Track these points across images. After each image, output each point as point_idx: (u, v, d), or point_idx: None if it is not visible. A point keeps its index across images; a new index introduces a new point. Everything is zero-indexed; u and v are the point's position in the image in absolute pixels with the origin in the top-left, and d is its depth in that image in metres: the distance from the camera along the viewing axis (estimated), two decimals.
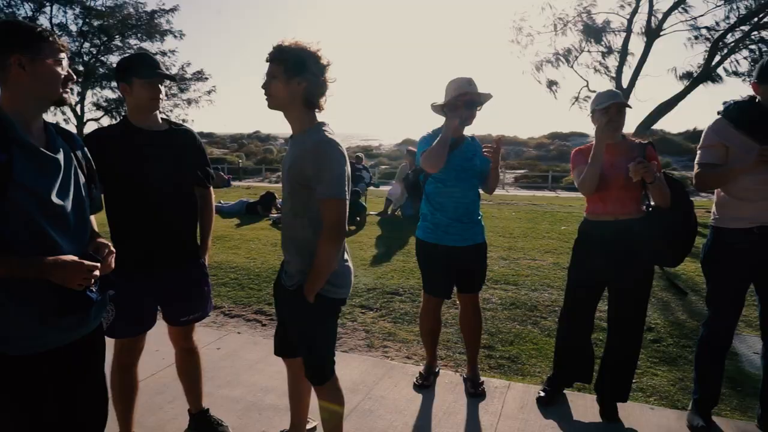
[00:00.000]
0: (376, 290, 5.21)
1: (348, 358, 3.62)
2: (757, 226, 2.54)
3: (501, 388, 3.17)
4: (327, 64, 1.95)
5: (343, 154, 1.91)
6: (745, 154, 2.48)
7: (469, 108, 2.87)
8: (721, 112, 2.64)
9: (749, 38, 12.34)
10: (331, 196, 1.86)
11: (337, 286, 2.03)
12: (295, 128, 2.01)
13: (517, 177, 27.72)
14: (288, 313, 2.16)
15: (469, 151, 2.99)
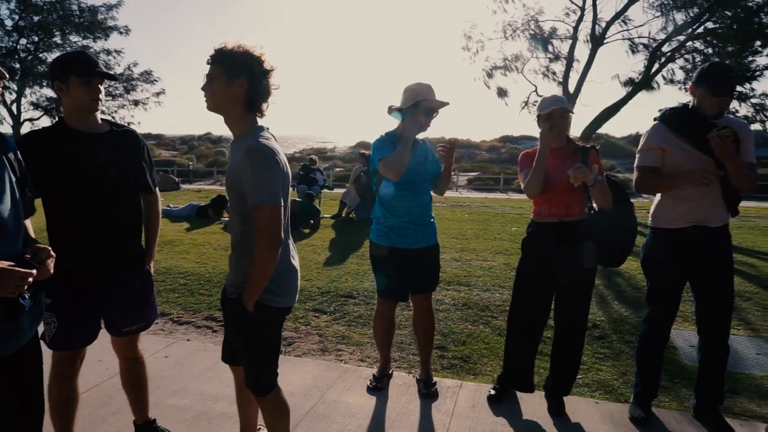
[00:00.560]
0: (329, 293, 5.18)
1: (301, 362, 3.58)
2: (692, 225, 2.68)
3: (453, 388, 3.22)
4: (270, 69, 1.93)
5: (276, 160, 1.88)
6: (681, 158, 2.64)
7: (428, 114, 2.89)
8: (658, 118, 2.79)
9: (684, 48, 13.05)
10: (263, 202, 1.82)
11: (279, 294, 1.99)
12: (235, 132, 1.99)
13: (470, 179, 28.23)
14: (229, 321, 2.12)
15: (421, 155, 3.02)
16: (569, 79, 13.49)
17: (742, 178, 2.59)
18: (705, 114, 2.64)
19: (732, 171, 2.55)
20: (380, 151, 2.92)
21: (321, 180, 11.88)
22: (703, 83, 2.62)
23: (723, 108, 2.64)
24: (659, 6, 13.01)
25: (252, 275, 1.89)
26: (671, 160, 2.68)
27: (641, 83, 12.94)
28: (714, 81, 2.58)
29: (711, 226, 2.69)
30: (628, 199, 2.80)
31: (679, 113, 2.73)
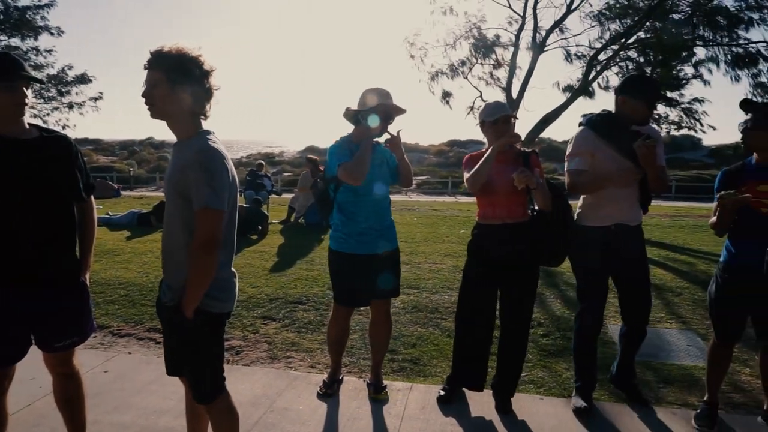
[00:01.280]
0: (278, 300, 5.11)
1: (249, 371, 3.51)
2: (615, 223, 2.91)
3: (404, 391, 3.24)
4: (210, 70, 1.90)
5: (225, 164, 1.86)
6: (607, 161, 2.85)
7: (386, 120, 2.89)
8: (584, 123, 2.98)
9: (618, 57, 13.70)
10: (208, 205, 1.79)
11: (219, 299, 1.95)
12: (179, 136, 1.94)
13: (418, 183, 28.53)
14: (169, 330, 2.06)
15: (378, 159, 3.01)
16: (512, 85, 13.89)
17: (659, 182, 2.87)
18: (631, 121, 2.87)
19: (652, 176, 2.82)
20: (338, 157, 2.89)
21: (269, 185, 11.69)
22: (631, 93, 2.85)
23: (649, 116, 2.90)
24: (595, 16, 13.62)
25: (191, 281, 1.84)
26: (599, 163, 2.89)
27: (579, 90, 13.48)
28: (642, 91, 2.83)
29: (631, 224, 2.94)
30: (566, 200, 2.92)
31: (606, 120, 2.94)
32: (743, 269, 2.69)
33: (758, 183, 2.62)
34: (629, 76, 2.95)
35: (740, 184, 2.65)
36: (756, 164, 2.69)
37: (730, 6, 11.73)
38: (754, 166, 2.69)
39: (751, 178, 2.65)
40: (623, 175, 2.82)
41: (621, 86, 2.94)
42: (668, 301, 5.35)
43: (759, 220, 2.61)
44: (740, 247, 2.73)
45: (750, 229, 2.66)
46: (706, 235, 9.25)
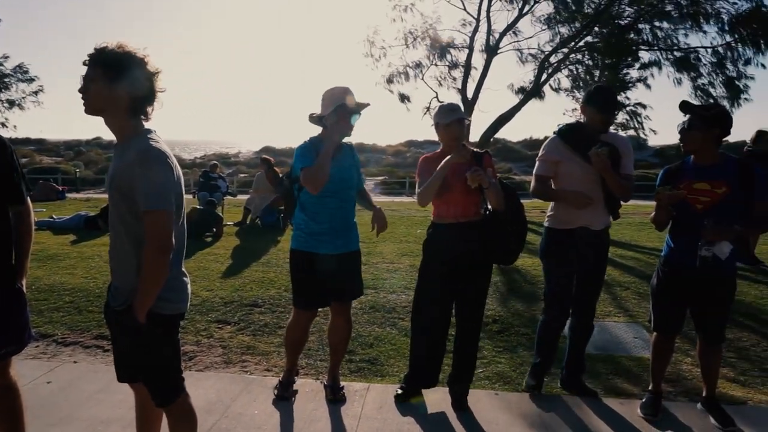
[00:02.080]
0: (233, 303, 5.01)
1: (203, 377, 3.43)
2: (579, 227, 3.06)
3: (361, 391, 3.23)
4: (155, 71, 1.86)
5: (168, 164, 1.84)
6: (573, 169, 3.03)
7: (353, 119, 2.87)
8: (556, 132, 3.15)
9: (569, 60, 14.13)
10: (154, 207, 1.77)
11: (172, 301, 1.93)
12: (118, 136, 1.90)
13: (376, 183, 28.58)
14: (120, 335, 2.00)
15: (347, 161, 2.98)
16: (467, 86, 14.10)
17: (618, 188, 3.00)
18: (593, 130, 3.04)
19: (609, 182, 2.96)
20: (303, 159, 2.84)
21: (223, 187, 11.44)
22: (591, 104, 3.03)
23: (608, 124, 3.09)
24: (546, 20, 14.01)
25: (143, 283, 1.81)
26: (565, 170, 3.05)
27: (532, 92, 13.82)
28: (600, 102, 3.01)
29: (595, 228, 3.09)
30: (518, 200, 2.99)
31: (572, 129, 3.12)
32: (681, 264, 2.83)
33: (694, 181, 2.76)
34: (593, 87, 3.14)
35: (679, 182, 2.79)
36: (693, 163, 2.83)
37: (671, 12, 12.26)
38: (692, 165, 2.83)
39: (688, 177, 2.79)
40: (577, 198, 2.99)
41: (585, 97, 3.12)
42: (616, 295, 5.55)
43: (695, 216, 2.74)
44: (678, 242, 2.86)
45: (687, 225, 2.80)
46: (651, 232, 9.64)
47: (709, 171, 2.75)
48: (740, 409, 3.07)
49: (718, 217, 2.66)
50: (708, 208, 2.72)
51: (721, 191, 2.71)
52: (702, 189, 2.75)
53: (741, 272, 6.50)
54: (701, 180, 2.76)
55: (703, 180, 2.75)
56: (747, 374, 3.68)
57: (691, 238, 2.75)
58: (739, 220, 2.71)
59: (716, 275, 2.76)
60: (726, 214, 2.69)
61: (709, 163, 2.77)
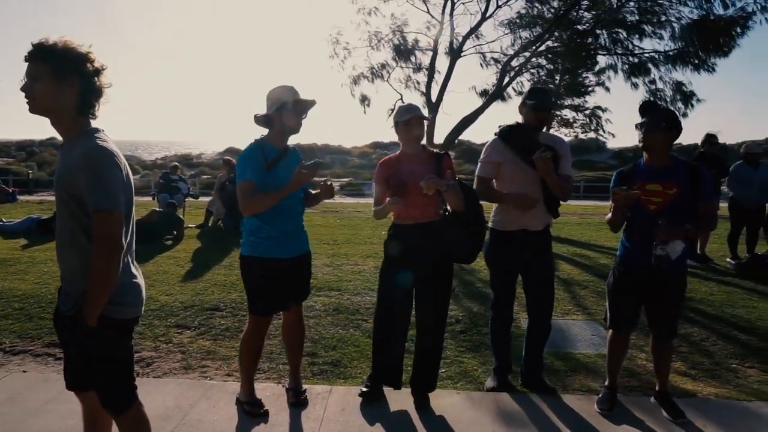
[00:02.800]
0: (194, 307, 4.90)
1: (161, 383, 3.34)
2: (520, 229, 3.16)
3: (323, 394, 3.21)
4: (101, 67, 1.81)
5: (117, 163, 1.79)
6: (513, 169, 3.11)
7: (299, 116, 2.83)
8: (497, 133, 3.22)
9: (530, 63, 14.41)
10: (103, 207, 1.72)
11: (125, 304, 1.88)
12: (65, 135, 1.84)
13: (342, 185, 28.51)
14: (70, 340, 1.93)
15: (294, 162, 2.94)
16: (431, 89, 14.20)
17: (559, 189, 3.11)
18: (530, 128, 3.15)
19: (551, 184, 3.06)
20: (249, 163, 2.76)
21: (185, 188, 11.19)
22: (523, 102, 3.15)
23: (543, 122, 3.18)
24: (507, 24, 14.25)
25: (93, 287, 1.76)
26: (506, 170, 3.13)
27: (494, 94, 14.02)
28: (534, 100, 3.11)
29: (535, 229, 3.19)
30: (477, 201, 3.03)
31: (512, 129, 3.20)
32: (635, 263, 2.92)
33: (647, 183, 2.85)
34: (529, 87, 3.25)
35: (632, 184, 2.87)
36: (645, 165, 2.92)
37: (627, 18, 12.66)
38: (644, 167, 2.92)
39: (641, 179, 2.87)
40: (521, 200, 3.07)
41: (522, 97, 3.23)
42: (575, 294, 5.69)
43: (648, 217, 2.83)
44: (633, 242, 2.95)
45: (641, 225, 2.88)
46: (609, 232, 9.94)
47: (661, 172, 2.84)
48: (690, 402, 3.19)
49: (670, 217, 2.75)
50: (660, 209, 2.81)
51: (673, 192, 2.80)
52: (654, 190, 2.83)
53: (692, 270, 6.76)
54: (653, 181, 2.84)
55: (656, 181, 2.84)
56: (697, 368, 3.82)
57: (644, 237, 2.84)
58: (688, 219, 2.81)
59: (669, 273, 2.86)
60: (677, 214, 2.78)
61: (662, 165, 2.86)
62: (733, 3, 11.39)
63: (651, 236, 2.77)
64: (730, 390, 3.46)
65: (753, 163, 7.15)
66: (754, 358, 3.99)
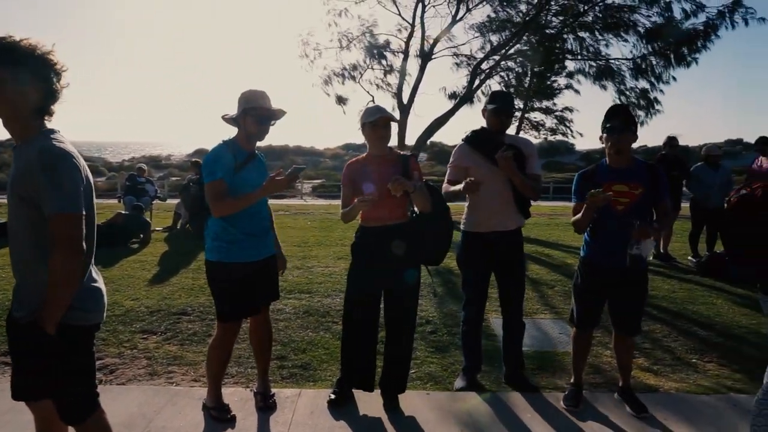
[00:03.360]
0: (160, 312, 4.80)
1: (124, 390, 3.26)
2: (491, 231, 3.23)
3: (292, 397, 3.18)
4: (61, 69, 1.76)
5: (75, 164, 1.74)
6: (482, 172, 3.13)
7: (262, 123, 2.79)
8: (464, 138, 3.31)
9: (500, 66, 14.62)
10: (62, 210, 1.66)
11: (85, 310, 1.83)
12: (19, 137, 1.78)
13: (314, 187, 28.38)
14: (23, 348, 1.86)
15: (262, 167, 2.92)
16: (403, 90, 14.26)
17: (525, 188, 3.17)
18: (493, 131, 3.23)
19: (516, 183, 3.12)
20: (219, 163, 2.71)
21: (152, 191, 10.95)
22: (488, 106, 3.23)
23: (503, 125, 3.26)
24: (478, 27, 14.42)
25: (52, 293, 1.69)
26: (476, 174, 3.14)
27: (465, 97, 14.17)
28: (495, 104, 3.20)
29: (506, 229, 3.26)
30: (445, 202, 3.06)
31: (477, 134, 3.28)
32: (602, 263, 2.99)
33: (614, 183, 2.90)
34: (490, 92, 3.31)
35: (598, 185, 2.92)
36: (608, 167, 2.98)
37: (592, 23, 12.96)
38: (607, 168, 2.98)
39: (606, 180, 2.92)
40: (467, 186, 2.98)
41: (485, 101, 3.34)
42: (543, 293, 5.78)
43: (615, 217, 2.89)
44: (598, 242, 3.02)
45: (607, 225, 2.94)
46: None
47: (626, 173, 2.92)
48: (653, 397, 3.27)
49: (640, 216, 2.82)
50: (627, 209, 2.88)
51: (639, 192, 2.88)
52: (621, 191, 2.89)
53: (655, 268, 6.95)
54: (619, 182, 2.91)
55: (622, 182, 2.90)
56: (659, 363, 3.93)
57: (611, 237, 2.90)
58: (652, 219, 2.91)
59: (632, 272, 2.93)
60: (642, 214, 2.86)
61: (625, 166, 2.93)
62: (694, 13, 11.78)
63: (618, 236, 2.84)
64: (690, 384, 3.56)
65: (713, 165, 7.39)
66: (713, 353, 4.12)
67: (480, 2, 13.70)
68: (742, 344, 4.33)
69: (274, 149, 42.86)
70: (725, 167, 7.54)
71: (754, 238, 2.28)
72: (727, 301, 5.55)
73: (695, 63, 11.91)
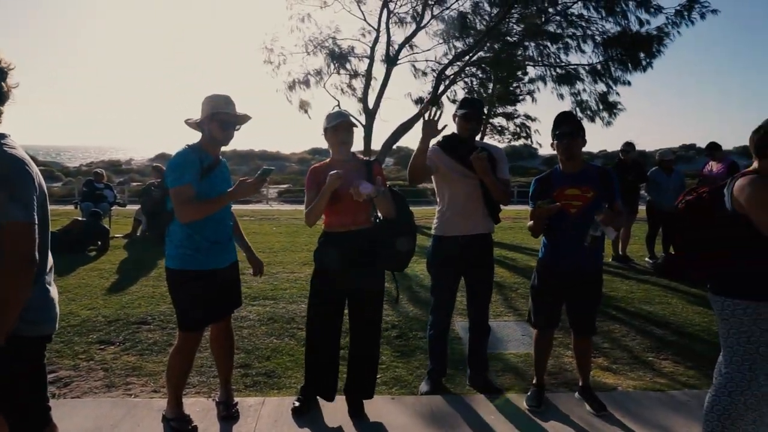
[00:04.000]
0: (119, 322, 4.66)
1: (79, 404, 3.15)
2: (462, 235, 3.26)
3: (255, 406, 3.13)
4: (7, 68, 1.69)
5: (28, 171, 1.67)
6: (452, 171, 3.22)
7: (226, 128, 2.73)
8: (436, 143, 3.34)
9: (464, 72, 14.82)
10: (14, 218, 1.60)
11: (37, 321, 1.76)
12: None
13: (280, 192, 28.09)
14: None
15: (226, 172, 2.87)
16: (368, 96, 14.29)
17: (498, 191, 3.20)
18: (464, 137, 3.28)
19: (489, 185, 3.16)
20: (186, 167, 2.63)
21: (111, 196, 10.62)
22: (458, 112, 3.29)
23: (473, 130, 3.31)
24: (441, 34, 14.59)
25: (1, 304, 1.62)
26: (448, 178, 3.22)
27: (430, 102, 14.31)
28: (465, 109, 3.26)
29: (477, 233, 3.30)
30: (408, 208, 3.07)
31: (449, 139, 3.34)
32: (558, 265, 3.07)
33: (567, 188, 3.00)
34: (460, 99, 3.37)
35: (552, 190, 3.01)
36: (561, 172, 3.07)
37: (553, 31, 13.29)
38: (561, 173, 3.08)
39: (559, 184, 3.03)
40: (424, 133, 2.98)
41: (455, 108, 3.36)
42: (507, 296, 5.87)
43: (569, 220, 2.97)
44: (553, 245, 3.09)
45: (562, 228, 3.02)
46: None
47: (578, 178, 3.00)
48: (611, 395, 3.36)
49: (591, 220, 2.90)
50: (580, 212, 2.96)
51: (590, 195, 2.96)
52: (574, 194, 2.99)
53: (614, 270, 7.16)
54: (572, 186, 3.00)
55: (574, 186, 3.00)
56: (618, 362, 4.04)
57: (565, 240, 2.99)
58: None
59: (586, 273, 3.03)
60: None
61: (577, 171, 3.02)
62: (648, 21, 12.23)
63: (573, 238, 2.92)
64: (647, 382, 3.67)
65: (667, 169, 7.67)
66: (668, 351, 4.26)
67: (443, 10, 13.88)
68: (696, 342, 4.50)
69: (239, 154, 42.29)
70: (678, 171, 7.84)
71: (706, 242, 2.38)
72: (681, 300, 5.76)
73: (651, 67, 12.34)
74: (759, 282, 2.26)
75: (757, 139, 2.25)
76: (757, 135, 2.25)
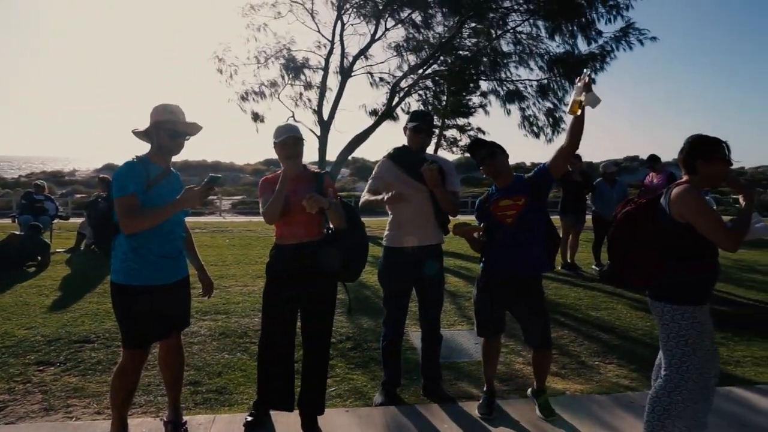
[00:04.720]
0: (59, 341, 4.45)
1: (14, 430, 2.98)
2: (412, 246, 3.32)
3: (205, 424, 3.05)
4: None
5: None
6: (403, 184, 3.23)
7: (174, 137, 2.67)
8: (386, 156, 3.42)
9: (418, 85, 15.06)
10: None
11: None
12: None
13: (234, 203, 27.60)
14: None
15: (177, 183, 2.79)
16: (323, 107, 14.30)
17: (447, 203, 3.27)
18: (415, 149, 3.35)
19: (439, 197, 3.22)
20: (130, 177, 2.55)
21: (53, 209, 10.15)
22: (408, 124, 3.36)
23: (423, 143, 3.38)
24: (395, 47, 14.80)
25: None
26: (397, 189, 3.15)
27: (385, 114, 14.45)
28: (415, 122, 3.34)
29: (428, 244, 3.35)
30: (359, 219, 3.08)
31: (400, 151, 3.39)
32: (497, 273, 3.16)
33: (500, 200, 3.14)
34: (411, 112, 3.42)
35: (490, 205, 3.15)
36: (496, 188, 3.22)
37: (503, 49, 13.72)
38: (496, 189, 3.23)
39: (495, 198, 3.17)
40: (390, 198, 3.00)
41: (406, 120, 3.43)
42: (460, 305, 5.95)
43: (505, 229, 3.11)
44: (494, 254, 3.18)
45: (500, 239, 3.13)
46: None
47: (509, 189, 3.16)
48: (560, 399, 3.46)
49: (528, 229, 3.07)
50: (515, 221, 3.08)
51: (522, 202, 3.10)
52: (507, 205, 3.13)
53: (563, 278, 7.39)
54: (505, 198, 3.13)
55: (506, 197, 3.13)
56: (566, 368, 4.16)
57: (503, 249, 3.12)
58: (545, 224, 3.17)
59: (521, 279, 3.13)
60: (532, 221, 3.09)
61: (509, 183, 3.18)
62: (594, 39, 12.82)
63: (510, 247, 3.08)
64: (593, 385, 3.80)
65: (610, 181, 8.00)
66: (613, 355, 4.43)
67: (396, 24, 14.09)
68: (638, 346, 4.69)
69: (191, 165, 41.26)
70: (621, 183, 8.20)
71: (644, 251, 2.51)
72: (625, 306, 6.00)
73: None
74: (695, 288, 2.41)
75: (682, 158, 2.50)
76: (681, 154, 2.53)
